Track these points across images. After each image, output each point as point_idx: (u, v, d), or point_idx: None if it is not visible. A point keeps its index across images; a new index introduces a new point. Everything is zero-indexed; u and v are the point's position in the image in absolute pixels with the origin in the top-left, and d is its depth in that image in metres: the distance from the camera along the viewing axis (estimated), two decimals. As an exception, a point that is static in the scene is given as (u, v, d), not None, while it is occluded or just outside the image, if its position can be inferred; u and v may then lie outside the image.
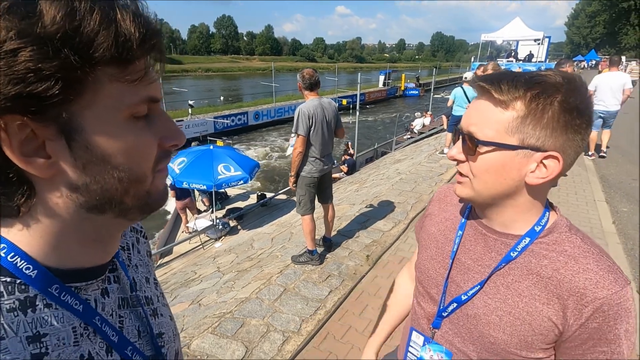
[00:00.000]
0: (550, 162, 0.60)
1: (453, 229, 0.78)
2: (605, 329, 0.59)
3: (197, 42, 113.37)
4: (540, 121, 0.58)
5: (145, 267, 0.56)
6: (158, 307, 0.54)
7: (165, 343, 0.52)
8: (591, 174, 5.69)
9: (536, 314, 0.63)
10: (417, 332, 0.83)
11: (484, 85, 0.61)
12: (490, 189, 0.64)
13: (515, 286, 0.66)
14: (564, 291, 0.61)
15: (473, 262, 0.72)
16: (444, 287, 0.76)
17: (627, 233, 3.83)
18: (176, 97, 27.09)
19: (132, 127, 0.37)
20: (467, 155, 0.65)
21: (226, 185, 6.59)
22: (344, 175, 10.03)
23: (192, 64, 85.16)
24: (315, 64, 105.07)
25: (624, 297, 0.59)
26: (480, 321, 0.69)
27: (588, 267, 0.61)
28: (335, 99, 24.42)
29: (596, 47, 50.25)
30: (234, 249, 5.42)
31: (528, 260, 0.65)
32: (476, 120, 0.63)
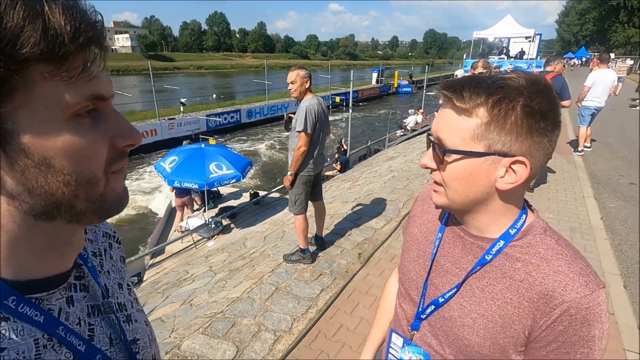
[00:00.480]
0: (518, 167, 0.60)
1: (434, 232, 0.78)
2: (571, 332, 0.58)
3: (189, 39, 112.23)
4: (504, 127, 0.58)
5: (118, 272, 0.55)
6: (132, 313, 0.53)
7: (141, 349, 0.52)
8: (580, 171, 5.77)
9: (508, 317, 0.63)
10: (396, 333, 0.84)
11: (447, 93, 0.61)
12: (462, 196, 0.64)
13: (489, 289, 0.65)
14: (534, 294, 0.61)
15: (451, 264, 0.72)
16: (423, 289, 0.76)
17: (614, 228, 3.88)
18: (168, 95, 26.81)
19: (75, 127, 0.34)
20: (437, 164, 0.65)
21: (218, 184, 6.55)
22: (337, 173, 10.03)
23: (184, 61, 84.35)
24: (308, 61, 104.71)
25: (594, 302, 0.57)
26: (455, 323, 0.69)
27: (559, 269, 0.60)
28: (328, 97, 24.41)
29: (586, 45, 50.81)
30: (227, 248, 5.40)
31: (502, 263, 0.65)
32: (443, 128, 0.63)
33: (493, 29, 25.65)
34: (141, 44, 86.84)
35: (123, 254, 0.60)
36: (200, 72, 77.00)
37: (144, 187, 12.22)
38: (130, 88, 36.61)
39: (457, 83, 0.61)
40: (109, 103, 0.38)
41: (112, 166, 0.39)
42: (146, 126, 15.38)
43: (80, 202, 0.37)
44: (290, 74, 2.91)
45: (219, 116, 18.12)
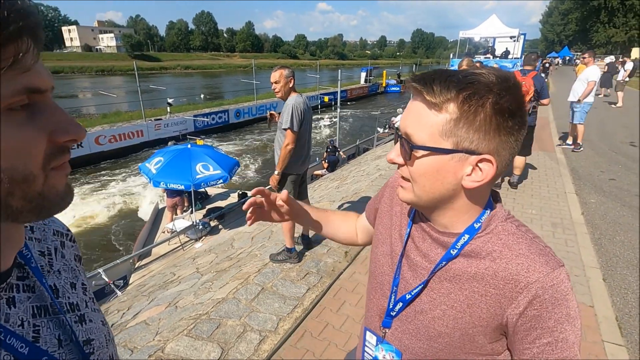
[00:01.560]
0: (485, 166, 0.60)
1: (404, 224, 0.79)
2: (545, 316, 0.59)
3: (176, 39, 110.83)
4: (473, 124, 0.57)
5: (70, 272, 0.54)
6: (86, 313, 0.52)
7: (95, 349, 0.50)
8: (562, 167, 5.89)
9: (475, 306, 0.64)
10: (370, 332, 0.83)
11: (417, 86, 0.60)
12: (429, 193, 0.64)
13: (457, 280, 0.66)
14: (499, 280, 0.62)
15: (421, 258, 0.72)
16: (394, 284, 0.76)
17: (594, 223, 3.98)
18: (155, 95, 26.43)
19: (7, 121, 0.33)
20: (405, 159, 0.65)
21: (205, 185, 6.49)
22: (325, 172, 10.03)
23: (171, 61, 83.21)
24: (297, 61, 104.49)
25: (557, 279, 0.58)
26: (426, 316, 0.70)
27: (520, 252, 0.61)
28: (317, 96, 24.41)
29: (569, 44, 51.93)
30: (214, 249, 5.35)
31: (468, 254, 0.66)
32: (411, 123, 0.62)
33: (479, 28, 26.00)
34: (126, 43, 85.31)
35: (78, 253, 0.58)
36: (188, 72, 76.10)
37: (129, 189, 12.03)
38: (116, 88, 35.99)
39: (428, 76, 0.60)
40: (48, 96, 0.37)
41: (51, 162, 0.37)
42: (132, 127, 15.14)
43: (16, 200, 0.35)
44: (274, 74, 2.90)
45: (206, 116, 17.94)
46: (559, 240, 3.53)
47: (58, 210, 0.40)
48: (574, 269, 3.09)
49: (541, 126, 8.84)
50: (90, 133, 14.01)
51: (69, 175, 0.41)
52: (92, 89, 36.67)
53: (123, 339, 2.63)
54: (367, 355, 0.84)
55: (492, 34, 25.63)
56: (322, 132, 20.01)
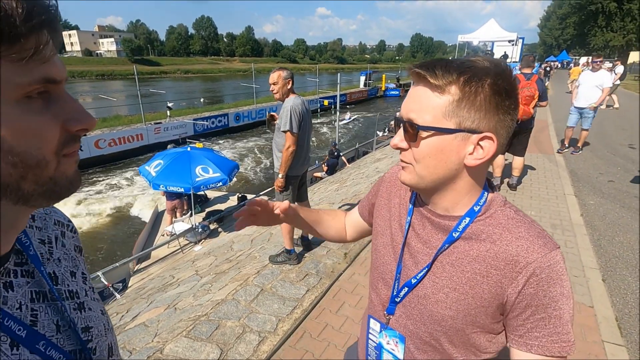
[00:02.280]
0: (485, 143, 0.63)
1: (404, 215, 0.80)
2: (541, 294, 0.62)
3: (176, 43, 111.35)
4: (474, 104, 0.61)
5: (71, 261, 0.55)
6: (85, 301, 0.53)
7: (94, 337, 0.51)
8: (561, 169, 5.90)
9: (477, 287, 0.66)
10: (374, 319, 0.84)
11: (420, 71, 0.62)
12: (433, 173, 0.66)
13: (458, 263, 0.68)
14: (500, 262, 0.64)
15: (422, 245, 0.74)
16: (397, 272, 0.78)
17: (593, 224, 3.98)
18: (155, 99, 26.50)
19: (25, 108, 0.35)
20: (409, 142, 0.67)
21: (204, 187, 6.49)
22: (325, 175, 10.04)
23: (171, 65, 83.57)
24: (296, 65, 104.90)
25: (553, 260, 0.62)
26: (429, 300, 0.71)
27: (520, 234, 0.65)
28: (316, 100, 24.48)
29: (567, 48, 52.25)
30: (213, 252, 5.35)
31: (469, 237, 0.68)
32: (414, 106, 0.65)
33: (477, 32, 26.17)
34: (127, 48, 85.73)
35: (79, 244, 0.59)
36: (188, 76, 76.38)
37: (130, 192, 12.02)
38: (116, 92, 36.10)
39: (429, 63, 0.63)
40: (62, 86, 0.39)
41: (63, 149, 0.39)
42: (132, 131, 15.17)
43: (27, 184, 0.37)
44: (272, 75, 2.91)
45: (206, 120, 17.99)
46: (559, 242, 3.52)
47: (66, 194, 0.41)
48: (574, 269, 3.09)
49: (540, 128, 8.87)
50: (90, 137, 14.03)
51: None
52: (92, 93, 36.78)
53: (122, 341, 2.62)
54: (371, 343, 0.85)
55: (491, 38, 25.79)
56: (326, 134, 20.03)
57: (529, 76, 4.28)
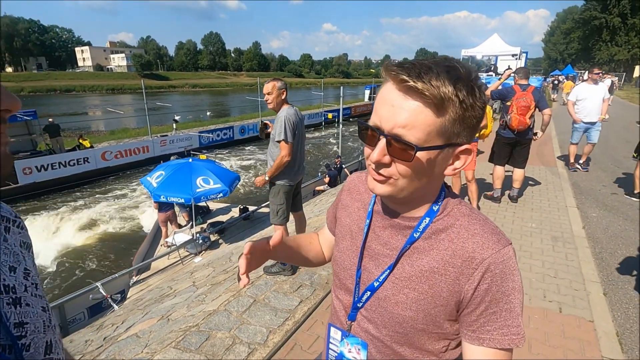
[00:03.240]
0: (465, 154, 0.65)
1: (363, 218, 0.79)
2: (494, 288, 0.63)
3: (185, 58, 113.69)
4: (465, 120, 0.60)
5: (12, 256, 0.54)
6: (23, 297, 0.52)
7: (29, 333, 0.50)
8: (564, 181, 5.83)
9: (436, 287, 0.66)
10: (334, 327, 0.83)
11: (417, 85, 0.56)
12: (415, 185, 0.65)
13: (418, 263, 0.68)
14: (457, 259, 0.65)
15: (382, 247, 0.73)
16: (357, 276, 0.76)
17: (595, 237, 3.91)
18: (163, 112, 26.96)
19: None
20: (395, 159, 0.62)
21: (205, 198, 6.51)
22: (327, 188, 10.04)
23: (179, 80, 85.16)
24: (302, 79, 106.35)
25: (506, 256, 0.63)
26: (389, 302, 0.70)
27: (475, 231, 0.66)
28: (321, 113, 24.68)
29: (572, 62, 52.31)
30: (213, 263, 5.33)
31: (429, 236, 0.68)
32: (404, 121, 0.58)
33: (481, 47, 26.39)
34: (137, 63, 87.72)
35: (27, 240, 0.59)
36: (195, 90, 77.71)
37: (133, 203, 12.11)
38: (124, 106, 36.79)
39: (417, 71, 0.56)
40: None
41: None
42: (138, 143, 15.39)
43: None
44: (267, 86, 2.94)
45: (211, 132, 18.19)
46: (559, 254, 3.46)
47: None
48: (574, 282, 3.01)
49: (543, 141, 8.81)
50: (97, 149, 14.27)
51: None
52: (102, 107, 37.52)
53: (112, 352, 2.60)
54: (332, 353, 0.83)
55: (494, 52, 25.98)
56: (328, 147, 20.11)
57: (524, 87, 4.28)
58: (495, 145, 4.66)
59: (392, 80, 0.60)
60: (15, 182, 11.88)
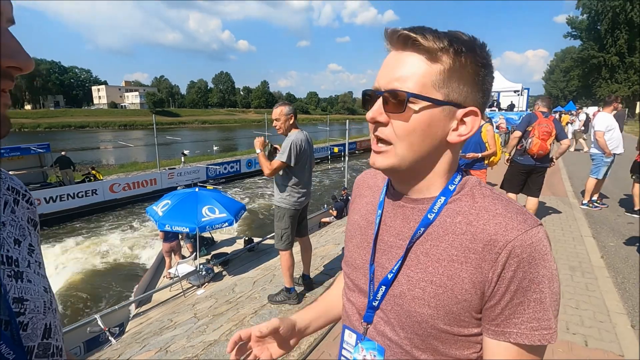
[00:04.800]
0: (469, 119, 0.59)
1: (373, 211, 0.73)
2: (521, 275, 0.54)
3: (196, 96, 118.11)
4: (463, 75, 0.57)
5: (18, 229, 0.51)
6: (25, 272, 0.48)
7: (27, 311, 0.46)
8: (576, 211, 5.69)
9: (456, 277, 0.58)
10: (349, 329, 0.74)
11: (410, 34, 0.56)
12: (416, 151, 0.59)
13: (433, 251, 0.61)
14: (478, 244, 0.57)
15: (394, 237, 0.67)
16: (370, 273, 0.69)
17: (616, 267, 3.72)
18: (173, 146, 27.59)
19: None
20: (391, 115, 0.59)
21: (210, 228, 6.44)
22: (333, 219, 9.91)
23: (189, 116, 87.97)
24: (308, 116, 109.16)
25: (535, 237, 0.55)
26: (405, 299, 0.62)
27: (497, 212, 0.58)
28: (327, 147, 25.02)
29: (573, 99, 53.22)
30: (215, 295, 5.16)
31: (443, 220, 0.61)
32: (399, 74, 0.57)
33: (482, 83, 26.99)
34: (149, 101, 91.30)
35: (35, 217, 0.56)
36: (205, 126, 79.96)
37: (138, 235, 12.04)
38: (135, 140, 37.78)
39: (416, 27, 0.58)
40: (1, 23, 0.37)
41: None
42: (146, 175, 15.59)
43: None
44: (275, 111, 2.98)
45: (218, 165, 18.42)
46: (579, 284, 3.29)
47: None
48: (598, 314, 2.83)
49: (552, 171, 8.73)
50: (106, 181, 14.47)
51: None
52: (113, 142, 38.58)
53: (106, 385, 2.45)
54: (344, 358, 0.74)
55: (496, 88, 26.56)
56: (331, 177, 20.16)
57: (546, 114, 4.29)
58: (509, 172, 4.58)
59: (391, 44, 0.60)
60: (23, 213, 11.96)
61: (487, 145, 4.43)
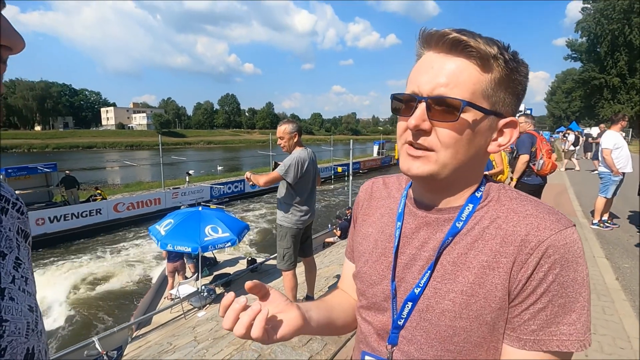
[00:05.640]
0: (508, 130, 0.58)
1: (391, 224, 0.67)
2: (550, 278, 0.51)
3: (202, 117, 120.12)
4: (510, 85, 0.56)
5: (4, 240, 0.47)
6: (8, 288, 0.44)
7: (7, 334, 0.41)
8: (587, 231, 5.56)
9: (489, 284, 0.54)
10: (370, 356, 0.66)
11: (462, 37, 0.53)
12: (459, 160, 0.56)
13: (462, 260, 0.56)
14: (508, 246, 0.53)
15: (417, 250, 0.61)
16: (392, 289, 0.63)
17: (632, 289, 3.57)
18: (178, 166, 27.81)
19: None
20: (436, 123, 0.55)
21: (212, 248, 6.35)
22: (337, 239, 9.78)
23: (195, 137, 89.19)
24: (312, 137, 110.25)
25: (569, 238, 0.52)
26: (434, 313, 0.57)
27: (527, 212, 0.56)
28: (330, 167, 25.09)
29: (576, 119, 53.40)
30: (217, 317, 5.01)
31: (471, 227, 0.58)
32: (446, 80, 0.54)
33: (485, 104, 27.34)
34: (156, 122, 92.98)
35: (26, 228, 0.52)
36: (210, 146, 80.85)
37: (141, 255, 11.92)
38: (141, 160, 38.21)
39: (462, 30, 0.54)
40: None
41: None
42: (150, 195, 15.63)
43: None
44: (279, 129, 2.99)
45: (222, 185, 18.46)
46: (595, 308, 3.14)
47: None
48: (617, 340, 2.68)
49: (560, 192, 8.63)
50: (110, 201, 14.51)
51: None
52: (119, 161, 39.03)
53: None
54: None
55: (499, 109, 26.87)
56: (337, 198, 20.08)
57: (537, 131, 4.32)
58: None
59: (431, 46, 0.57)
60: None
61: (494, 164, 4.39)
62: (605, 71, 48.14)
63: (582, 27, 47.07)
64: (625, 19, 42.43)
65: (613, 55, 46.09)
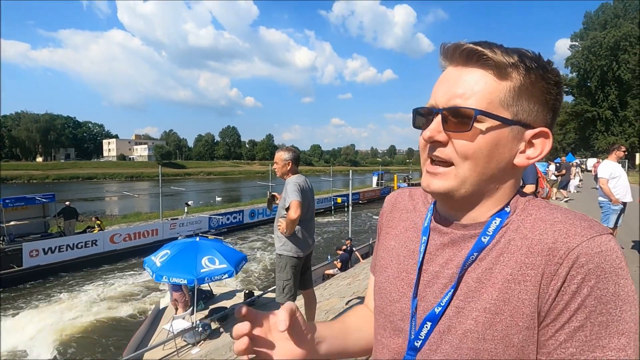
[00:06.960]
0: (539, 141, 0.55)
1: (416, 239, 0.64)
2: (586, 291, 0.45)
3: (202, 149, 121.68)
4: (534, 94, 0.53)
5: None
6: None
7: None
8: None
9: (515, 300, 0.49)
10: None
11: (476, 47, 0.52)
12: (480, 174, 0.53)
13: (486, 276, 0.52)
14: (536, 257, 0.49)
15: (440, 267, 0.58)
16: (412, 307, 0.58)
17: None
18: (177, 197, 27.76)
19: None
20: (452, 134, 0.54)
21: (209, 279, 6.18)
22: (337, 272, 9.56)
23: (195, 168, 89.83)
24: (312, 167, 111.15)
25: (605, 245, 0.46)
26: (455, 334, 0.52)
27: (555, 220, 0.51)
28: (330, 198, 25.06)
29: (572, 151, 54.15)
30: (211, 354, 4.79)
31: (497, 241, 0.53)
32: (463, 90, 0.53)
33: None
34: (157, 153, 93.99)
35: None
36: (210, 177, 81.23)
37: (136, 287, 11.58)
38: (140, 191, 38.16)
39: (479, 42, 0.54)
40: None
41: None
42: (148, 226, 15.46)
43: None
44: (276, 154, 3.06)
45: (221, 216, 18.32)
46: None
47: None
48: None
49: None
50: (107, 232, 14.31)
51: None
52: (119, 192, 39.00)
53: None
54: None
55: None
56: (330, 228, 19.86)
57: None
58: None
59: (448, 59, 0.57)
60: (20, 264, 11.69)
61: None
62: (597, 104, 49.50)
63: (571, 62, 48.96)
64: (612, 55, 44.24)
65: (603, 89, 47.60)
